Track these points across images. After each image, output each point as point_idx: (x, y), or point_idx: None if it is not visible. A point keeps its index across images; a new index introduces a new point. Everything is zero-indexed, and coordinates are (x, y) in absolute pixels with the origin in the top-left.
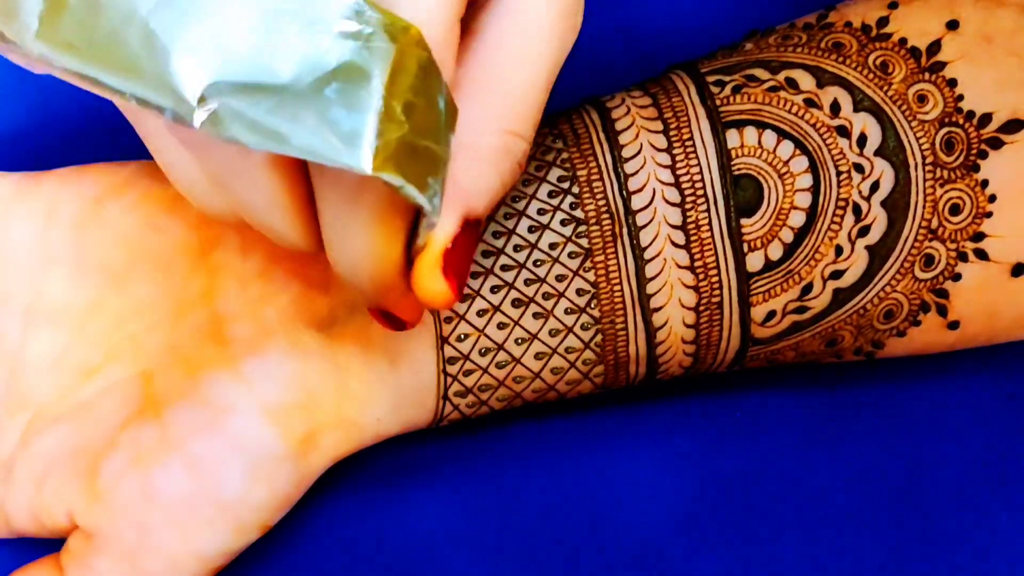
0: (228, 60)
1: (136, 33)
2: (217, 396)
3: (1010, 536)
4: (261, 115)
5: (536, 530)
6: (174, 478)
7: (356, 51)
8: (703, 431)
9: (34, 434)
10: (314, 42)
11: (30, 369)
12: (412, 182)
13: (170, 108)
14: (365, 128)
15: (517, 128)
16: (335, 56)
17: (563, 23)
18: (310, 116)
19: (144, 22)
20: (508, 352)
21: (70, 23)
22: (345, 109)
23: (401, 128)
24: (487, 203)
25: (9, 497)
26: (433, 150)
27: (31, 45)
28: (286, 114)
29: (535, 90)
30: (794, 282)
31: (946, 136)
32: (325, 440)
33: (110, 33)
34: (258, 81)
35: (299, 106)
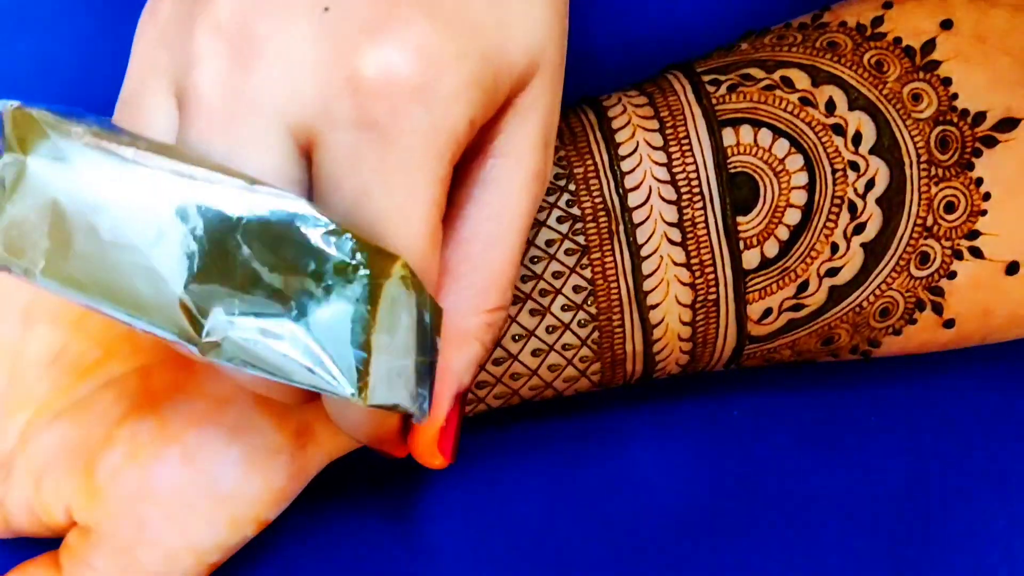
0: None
1: (141, 274)
2: (212, 389)
3: (1009, 536)
4: (264, 351)
5: (535, 529)
6: (170, 472)
7: (345, 284)
8: (701, 431)
9: (33, 432)
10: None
11: (29, 368)
12: (400, 400)
13: (176, 338)
14: (355, 362)
15: (499, 303)
16: (320, 288)
17: (535, 184)
18: (305, 350)
19: (147, 263)
20: (504, 349)
21: (76, 261)
22: (336, 344)
23: (389, 355)
24: (474, 374)
25: (8, 495)
26: (420, 363)
27: (38, 281)
28: (285, 350)
29: (514, 260)
30: (790, 279)
31: (940, 134)
32: (321, 433)
33: (115, 272)
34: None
35: (296, 340)
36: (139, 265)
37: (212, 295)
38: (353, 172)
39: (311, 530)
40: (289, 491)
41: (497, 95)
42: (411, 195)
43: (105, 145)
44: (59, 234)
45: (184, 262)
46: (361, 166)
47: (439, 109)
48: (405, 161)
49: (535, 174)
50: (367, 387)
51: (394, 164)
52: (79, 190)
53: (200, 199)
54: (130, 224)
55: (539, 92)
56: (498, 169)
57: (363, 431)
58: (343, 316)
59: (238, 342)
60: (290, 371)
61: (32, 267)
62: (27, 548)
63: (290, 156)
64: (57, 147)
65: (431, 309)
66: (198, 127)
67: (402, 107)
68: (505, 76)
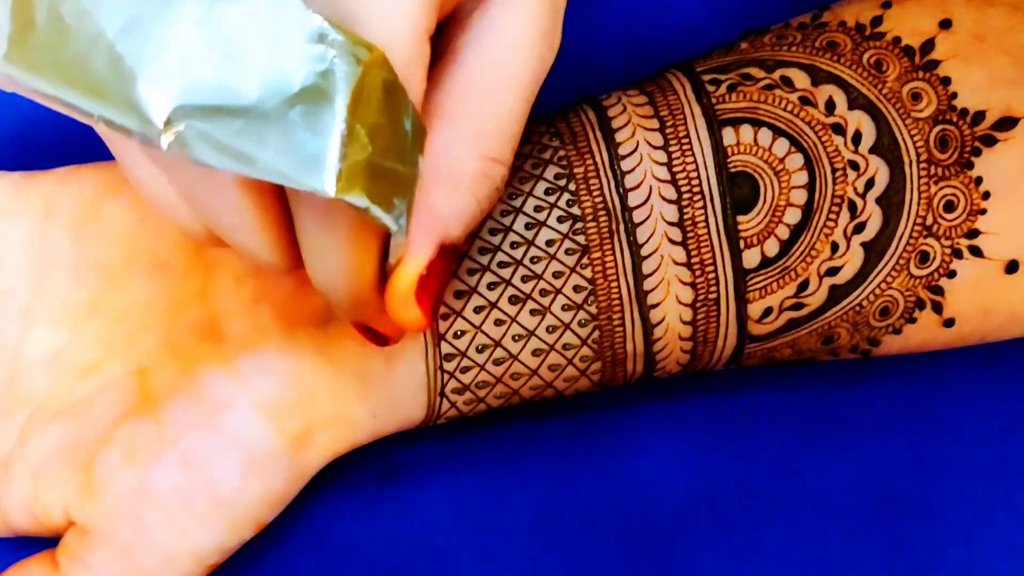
0: (193, 83)
1: (103, 56)
2: (212, 393)
3: (1008, 535)
4: (227, 137)
5: (534, 529)
6: (169, 474)
7: (319, 73)
8: (701, 429)
9: (31, 431)
10: (278, 65)
11: (28, 367)
12: (377, 203)
13: (138, 130)
14: (328, 151)
15: (495, 153)
16: (299, 79)
17: (541, 44)
18: (275, 138)
19: (110, 46)
20: (505, 349)
21: (38, 45)
22: (309, 131)
23: (365, 150)
24: (464, 228)
25: (7, 494)
26: (399, 171)
27: (1, 67)
28: (252, 136)
29: (513, 114)
30: (790, 279)
31: (940, 134)
32: (320, 437)
33: (77, 55)
34: (223, 103)
35: (264, 128)
36: (102, 50)
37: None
38: None
39: (310, 530)
40: (287, 494)
41: None
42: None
43: None
44: (22, 18)
45: (151, 51)
46: None
47: None
48: None
49: (541, 32)
50: (337, 177)
51: None
52: None
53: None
54: (94, 5)
55: None
56: (501, 19)
57: (340, 283)
58: (320, 105)
59: (204, 131)
60: (255, 158)
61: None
62: (26, 547)
63: None
64: None
65: (412, 119)
66: None
67: None
68: None
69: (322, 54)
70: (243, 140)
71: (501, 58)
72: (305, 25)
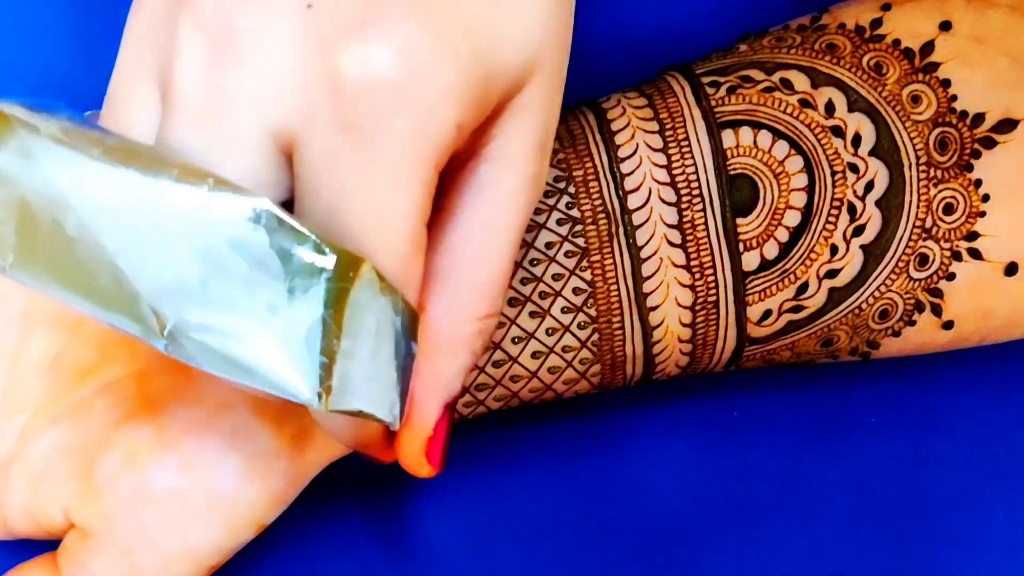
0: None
1: (105, 271)
2: (210, 394)
3: (1007, 534)
4: (227, 351)
5: (535, 530)
6: (168, 476)
7: (308, 287)
8: (700, 431)
9: (31, 435)
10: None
11: (27, 370)
12: (369, 407)
13: (142, 337)
14: (318, 367)
15: (491, 311)
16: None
17: (533, 190)
18: (267, 353)
19: (112, 261)
20: (505, 351)
21: (42, 258)
22: (298, 347)
23: (356, 361)
24: (463, 382)
25: (7, 498)
26: (390, 368)
27: (8, 275)
28: (248, 353)
29: (508, 266)
30: (790, 281)
31: (939, 136)
32: (319, 438)
33: (81, 268)
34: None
35: (257, 342)
36: (104, 263)
37: (177, 294)
38: (332, 175)
39: (309, 531)
40: (287, 495)
41: (489, 98)
42: (391, 199)
43: (72, 142)
44: (27, 230)
45: (147, 261)
46: (340, 169)
47: (423, 112)
48: (386, 165)
49: (530, 179)
50: (329, 392)
51: (374, 167)
52: (45, 187)
53: (164, 201)
54: (94, 223)
55: (536, 95)
56: (491, 174)
57: (345, 436)
58: (305, 319)
59: (200, 342)
60: (251, 373)
61: (2, 261)
62: (26, 549)
63: (269, 157)
64: (25, 144)
65: (404, 314)
66: (176, 122)
67: (383, 109)
68: (498, 78)
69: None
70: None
71: (493, 216)
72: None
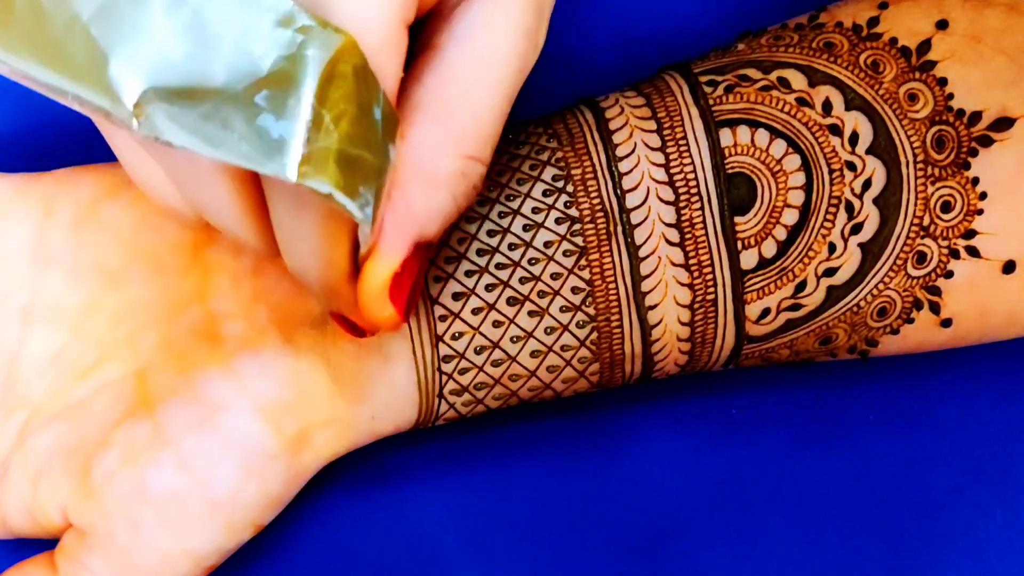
0: (163, 65)
1: (78, 39)
2: (210, 394)
3: (1006, 534)
4: (194, 120)
5: (532, 530)
6: (166, 476)
7: (286, 58)
8: (699, 429)
9: (30, 433)
10: (246, 49)
11: (27, 368)
12: (342, 190)
13: (111, 111)
14: (292, 136)
15: (474, 151)
16: (266, 63)
17: (524, 42)
18: (241, 122)
19: (85, 29)
20: (503, 350)
21: (16, 27)
22: (274, 116)
23: (330, 136)
24: (440, 226)
25: (5, 496)
26: (366, 159)
27: None
28: (218, 119)
29: (494, 113)
30: (788, 279)
31: (937, 134)
32: (318, 438)
33: (54, 37)
34: (191, 86)
35: (231, 112)
36: (77, 33)
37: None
38: None
39: (308, 531)
40: (284, 496)
41: None
42: None
43: None
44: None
45: (123, 34)
46: None
47: None
48: None
49: (525, 30)
50: (300, 163)
51: None
52: None
53: None
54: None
55: None
56: (486, 13)
57: (313, 271)
58: (282, 87)
59: (170, 112)
60: (220, 141)
61: None
62: (24, 548)
63: None
64: None
65: (384, 108)
66: None
67: None
68: None
69: (291, 39)
70: (209, 123)
71: (483, 55)
72: (275, 9)
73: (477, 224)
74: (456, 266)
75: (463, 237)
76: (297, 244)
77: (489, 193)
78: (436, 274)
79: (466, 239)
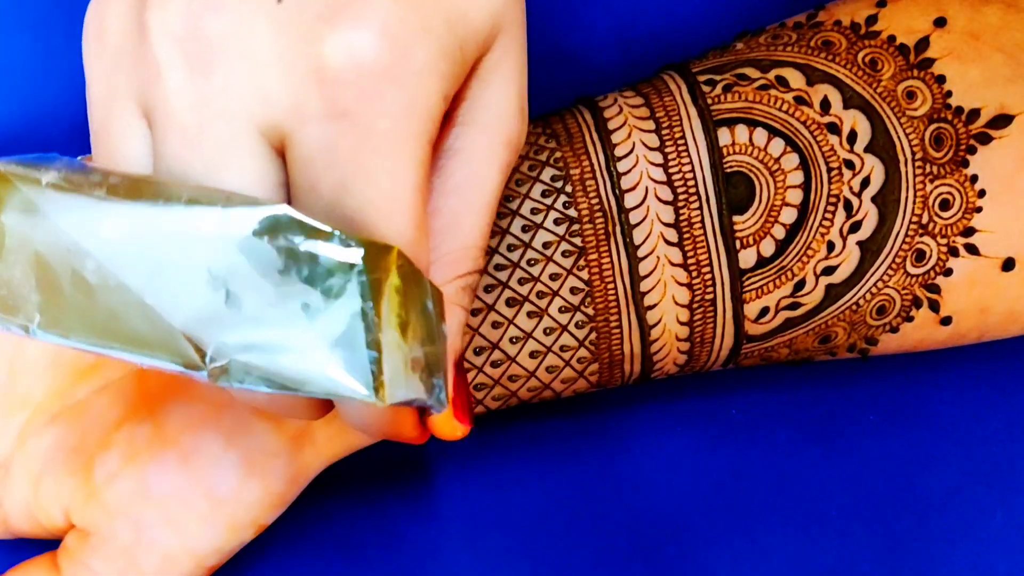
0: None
1: (135, 312)
2: (210, 391)
3: (1005, 533)
4: (273, 366)
5: (534, 529)
6: (168, 475)
7: (343, 285)
8: (699, 429)
9: (31, 433)
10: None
11: (27, 369)
12: (419, 394)
13: (182, 368)
14: (368, 363)
15: (471, 268)
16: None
17: (507, 156)
18: (315, 358)
19: (139, 300)
20: (503, 351)
21: (70, 311)
22: (347, 349)
23: (400, 350)
24: (463, 339)
25: (7, 496)
26: (431, 353)
27: (38, 336)
28: (295, 362)
29: (483, 228)
30: (787, 278)
31: (935, 132)
32: (319, 435)
33: (109, 314)
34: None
35: (304, 350)
36: (132, 303)
37: (211, 320)
38: (329, 166)
39: (310, 530)
40: (287, 495)
41: (465, 63)
42: (393, 181)
43: (75, 188)
44: (48, 285)
45: (174, 293)
46: (337, 158)
47: (411, 87)
48: (382, 146)
49: (505, 141)
50: (383, 386)
51: (371, 151)
52: (57, 238)
53: (179, 228)
54: (113, 264)
55: (503, 53)
56: (464, 138)
57: (383, 429)
58: (347, 317)
59: (245, 361)
60: (302, 382)
61: (29, 323)
62: (27, 548)
63: (268, 159)
64: (27, 199)
65: (432, 296)
66: (171, 144)
67: (372, 90)
68: (470, 43)
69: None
70: (288, 368)
71: (467, 181)
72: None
73: None
74: None
75: None
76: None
77: None
78: None
79: None
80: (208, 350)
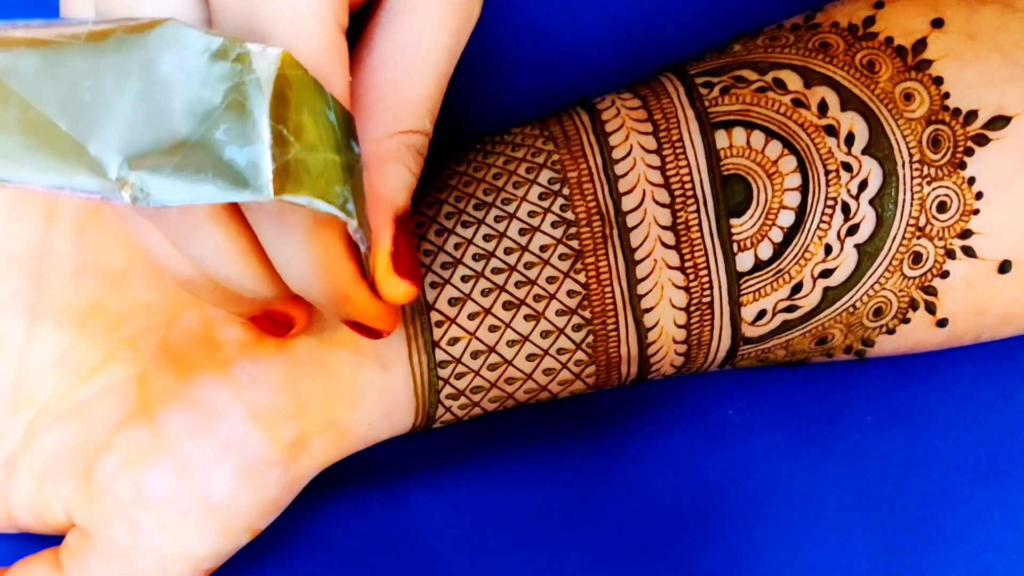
0: (132, 135)
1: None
2: (207, 399)
3: (1002, 533)
4: (170, 174)
5: (530, 531)
6: (164, 480)
7: (233, 89)
8: (695, 431)
9: (36, 431)
10: (195, 93)
11: (33, 368)
12: (317, 196)
13: (102, 192)
14: (260, 159)
15: (411, 127)
16: (217, 99)
17: (454, 17)
18: (210, 162)
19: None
20: (500, 354)
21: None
22: (238, 146)
23: (292, 148)
24: (407, 196)
25: (12, 492)
26: (332, 160)
27: None
28: (191, 166)
29: (427, 88)
30: (784, 281)
31: (933, 134)
32: (314, 444)
33: (26, 144)
34: (161, 145)
35: (200, 155)
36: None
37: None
38: None
39: (306, 533)
40: (281, 502)
41: None
42: None
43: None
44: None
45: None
46: None
47: None
48: None
49: (454, 6)
50: (272, 181)
51: None
52: None
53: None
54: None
55: None
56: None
57: (314, 284)
58: (236, 117)
59: (149, 176)
60: (199, 185)
61: None
62: (30, 543)
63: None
64: None
65: (335, 109)
66: None
67: None
68: None
69: (231, 70)
70: (184, 172)
71: (411, 40)
72: (208, 49)
73: (473, 229)
74: (452, 271)
75: (460, 242)
76: (294, 263)
77: (485, 197)
78: (432, 279)
79: (463, 244)
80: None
